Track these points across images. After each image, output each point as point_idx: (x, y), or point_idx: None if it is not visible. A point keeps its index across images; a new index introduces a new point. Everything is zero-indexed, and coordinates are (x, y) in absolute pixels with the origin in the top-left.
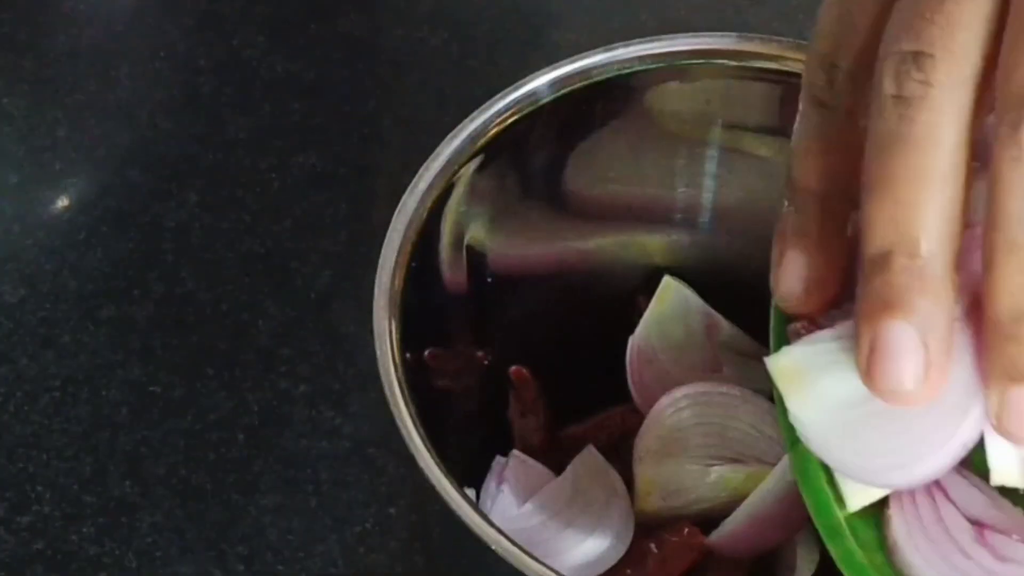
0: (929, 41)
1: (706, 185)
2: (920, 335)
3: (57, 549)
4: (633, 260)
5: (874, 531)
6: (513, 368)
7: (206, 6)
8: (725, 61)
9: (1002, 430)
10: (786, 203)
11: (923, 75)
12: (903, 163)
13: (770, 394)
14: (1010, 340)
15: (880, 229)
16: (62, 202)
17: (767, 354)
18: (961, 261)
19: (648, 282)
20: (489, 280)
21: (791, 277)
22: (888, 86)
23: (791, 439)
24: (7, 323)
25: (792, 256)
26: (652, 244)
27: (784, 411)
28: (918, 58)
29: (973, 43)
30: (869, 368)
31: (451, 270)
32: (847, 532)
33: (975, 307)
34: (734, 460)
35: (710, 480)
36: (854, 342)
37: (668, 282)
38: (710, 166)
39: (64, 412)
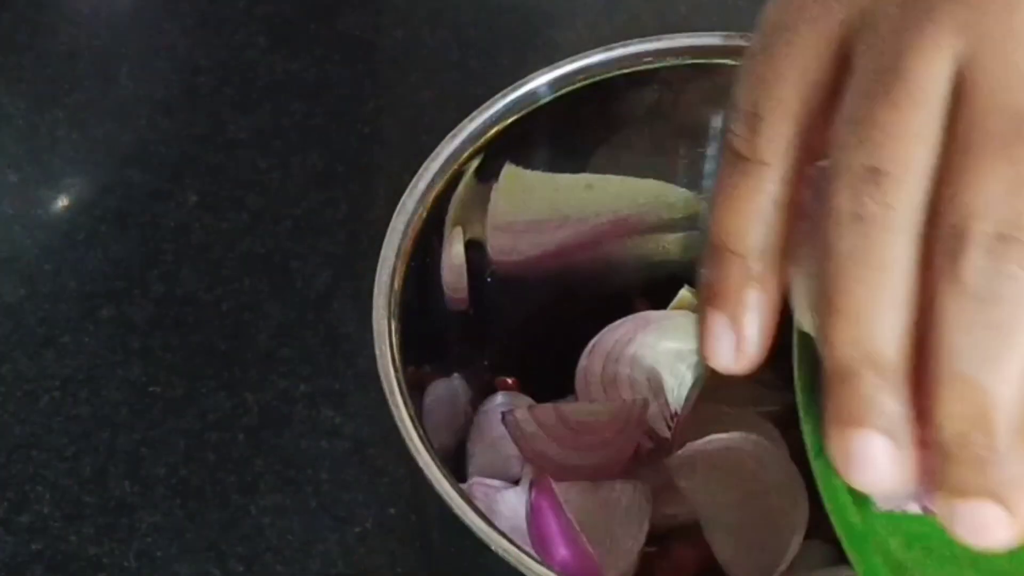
0: (887, 158)
1: (706, 185)
2: (892, 440)
3: (57, 549)
4: (632, 261)
5: (898, 539)
6: (498, 379)
7: (206, 6)
8: (725, 61)
9: (955, 535)
10: (704, 262)
11: (882, 195)
12: (864, 286)
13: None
14: (954, 462)
15: (843, 347)
16: (62, 202)
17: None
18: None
19: (648, 282)
20: (488, 280)
21: (713, 342)
22: (845, 203)
23: (815, 449)
24: (7, 323)
25: (711, 319)
26: (652, 245)
27: (809, 420)
28: (876, 176)
29: (928, 157)
30: (847, 474)
31: (451, 270)
32: (870, 540)
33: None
34: None
35: None
36: None
37: (684, 294)
38: (710, 166)
39: (64, 412)
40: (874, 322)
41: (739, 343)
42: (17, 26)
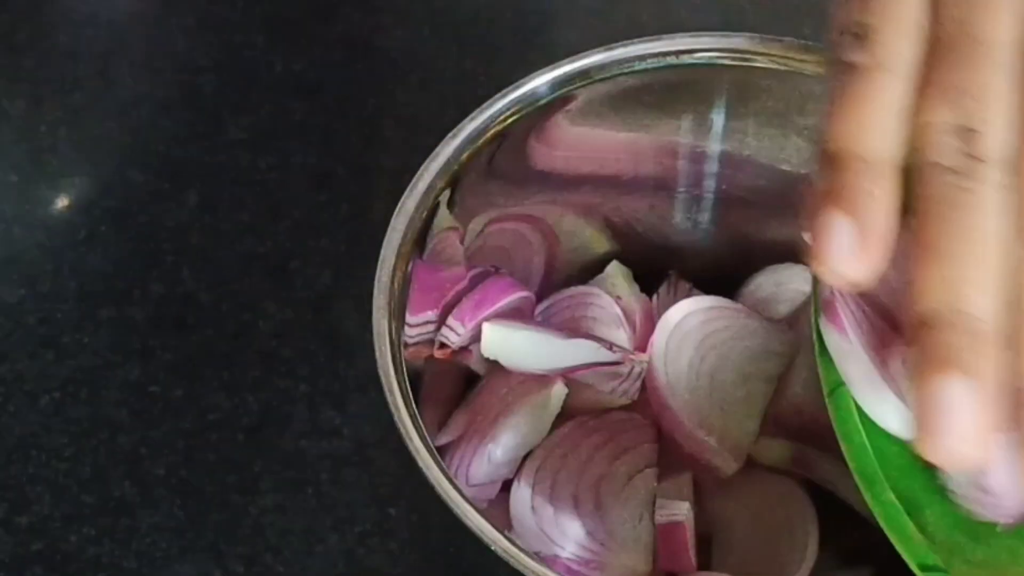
0: (973, 117)
1: (706, 185)
2: (978, 394)
3: (57, 549)
4: (632, 261)
5: (918, 480)
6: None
7: (206, 6)
8: (725, 61)
9: None
10: (819, 172)
11: (970, 149)
12: (957, 228)
13: None
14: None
15: (935, 289)
16: (62, 202)
17: None
18: None
19: (648, 283)
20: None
21: (834, 244)
22: (935, 155)
23: (831, 386)
24: (7, 323)
25: (833, 219)
26: (653, 245)
27: (824, 358)
28: (964, 134)
29: (1009, 114)
30: (925, 426)
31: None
32: (883, 480)
33: None
34: None
35: None
36: None
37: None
38: (710, 166)
39: (64, 412)
40: (970, 262)
41: (864, 241)
42: (17, 26)
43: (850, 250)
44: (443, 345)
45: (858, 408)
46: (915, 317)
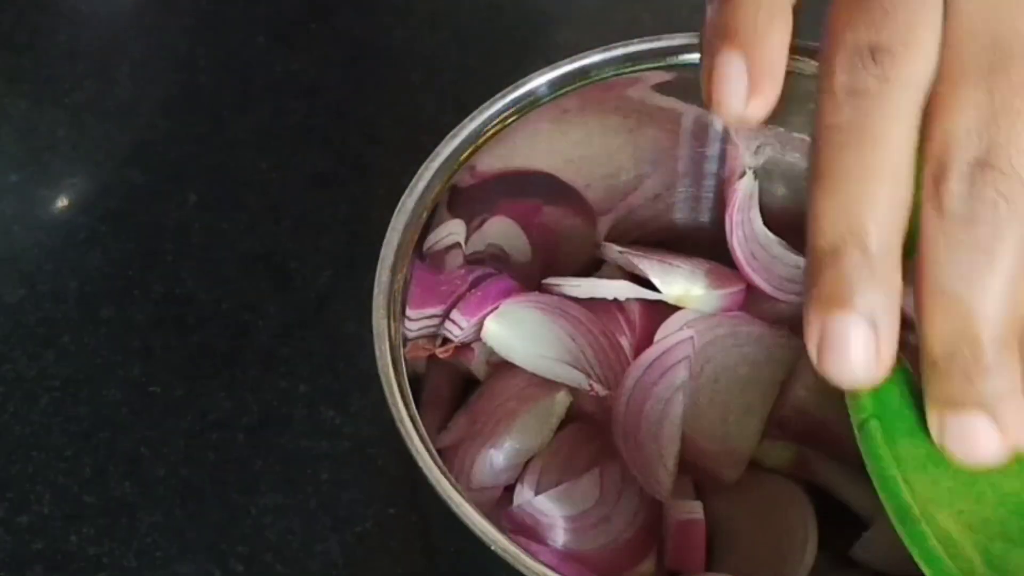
0: (889, 35)
1: (706, 185)
2: (871, 327)
3: (57, 549)
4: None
5: (945, 511)
6: None
7: (206, 6)
8: None
9: (946, 451)
10: (711, 6)
11: (880, 70)
12: (855, 158)
13: None
14: (941, 376)
15: (830, 222)
16: (62, 202)
17: None
18: None
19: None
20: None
21: (726, 82)
22: (841, 76)
23: (859, 421)
24: (7, 323)
25: (725, 56)
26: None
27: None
28: (876, 52)
29: (931, 45)
30: (820, 359)
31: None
32: (918, 515)
33: None
34: None
35: None
36: None
37: None
38: (710, 166)
39: (64, 412)
40: (863, 197)
41: (755, 77)
42: (17, 26)
43: (743, 87)
44: (445, 340)
45: (887, 440)
46: (812, 248)
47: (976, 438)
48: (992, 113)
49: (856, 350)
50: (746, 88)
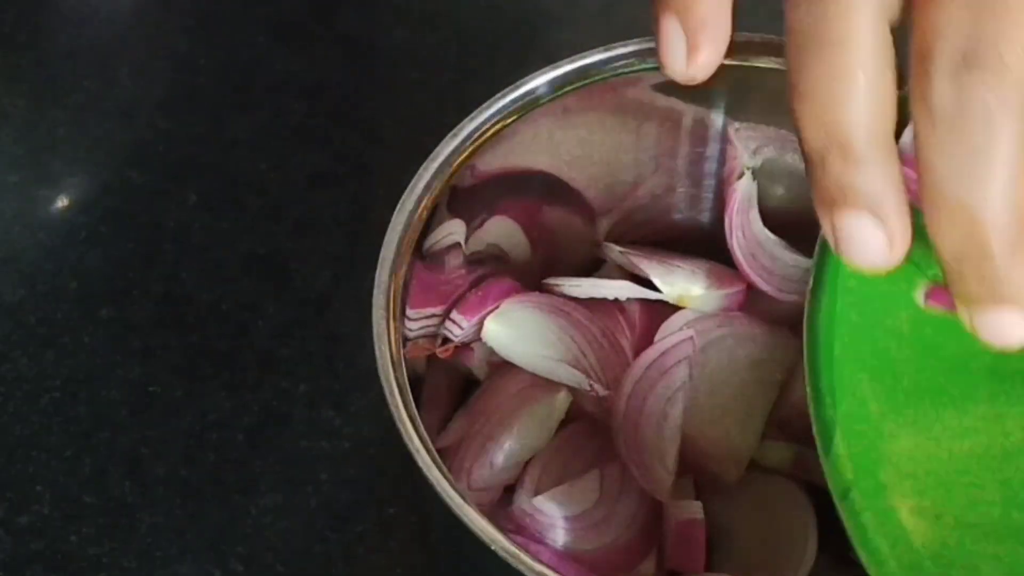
0: None
1: (706, 185)
2: (875, 217)
3: (57, 549)
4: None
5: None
6: None
7: (206, 6)
8: (725, 60)
9: (983, 340)
10: None
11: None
12: (821, 61)
13: None
14: (959, 279)
15: (812, 131)
16: (62, 202)
17: None
18: None
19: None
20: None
21: (668, 46)
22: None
23: (840, 489)
24: (7, 323)
25: (664, 23)
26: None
27: (829, 453)
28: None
29: None
30: (842, 255)
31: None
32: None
33: None
34: None
35: None
36: None
37: None
38: (710, 166)
39: (64, 412)
40: (835, 99)
41: (693, 39)
42: (17, 26)
43: (681, 46)
44: (445, 340)
45: (872, 510)
46: (806, 156)
47: (1005, 329)
48: (980, 7)
49: (866, 241)
50: (684, 47)
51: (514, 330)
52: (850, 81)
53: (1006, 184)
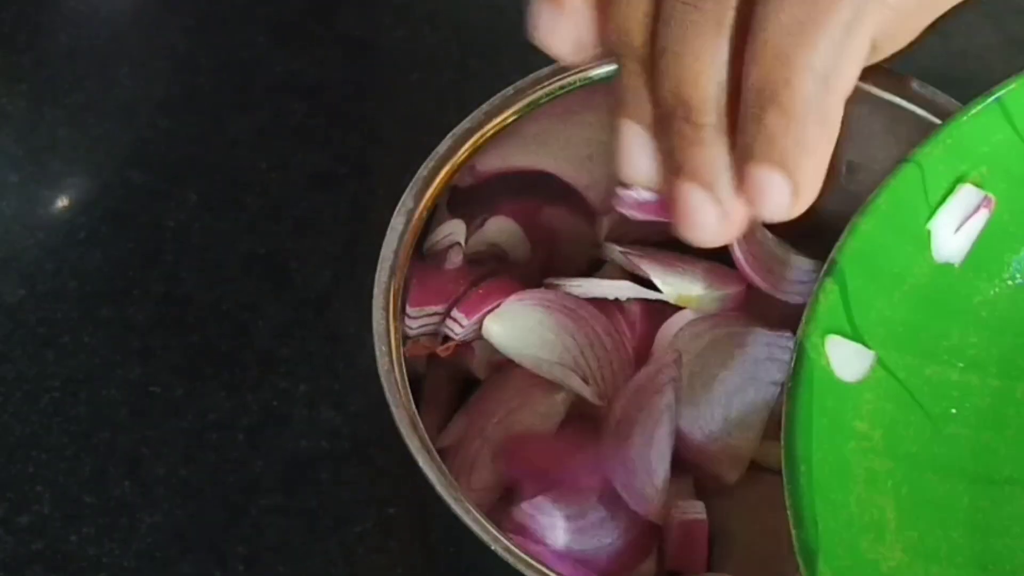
0: None
1: None
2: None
3: (57, 549)
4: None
5: None
6: None
7: (206, 6)
8: None
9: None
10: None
11: None
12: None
13: None
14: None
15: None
16: (62, 202)
17: None
18: None
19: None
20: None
21: (540, 20)
22: None
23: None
24: (7, 323)
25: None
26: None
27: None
28: None
29: None
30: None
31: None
32: None
33: None
34: None
35: None
36: None
37: None
38: None
39: (64, 412)
40: (630, 17)
41: (560, 12)
42: (17, 26)
43: (553, 23)
44: (446, 338)
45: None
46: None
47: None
48: None
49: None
50: (555, 23)
51: (514, 329)
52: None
53: (721, 56)
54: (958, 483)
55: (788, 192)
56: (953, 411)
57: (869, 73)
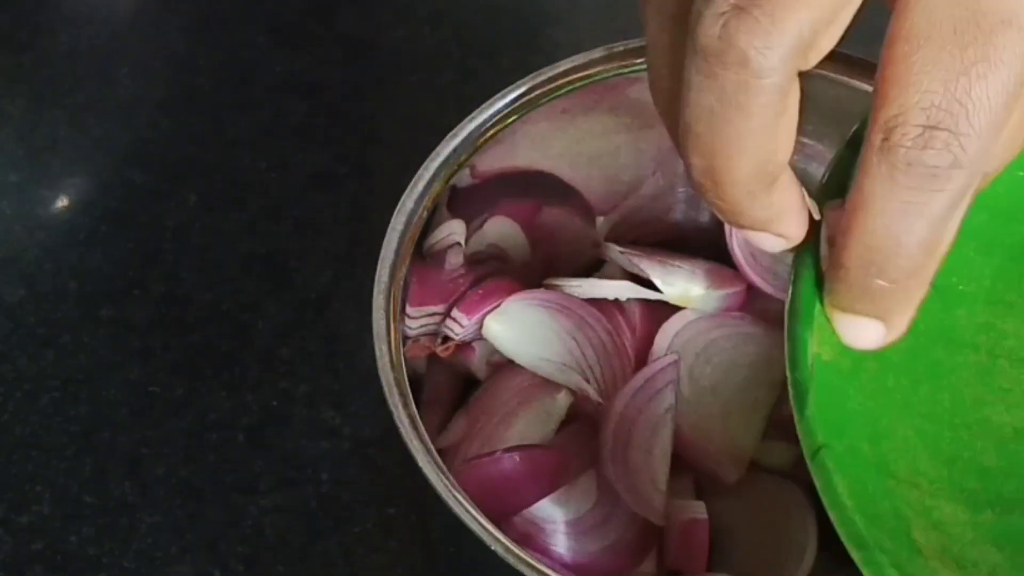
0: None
1: None
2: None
3: (57, 549)
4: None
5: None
6: None
7: (206, 6)
8: None
9: None
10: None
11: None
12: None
13: None
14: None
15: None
16: (62, 202)
17: None
18: None
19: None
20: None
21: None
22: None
23: (812, 447)
24: (7, 323)
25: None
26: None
27: (803, 413)
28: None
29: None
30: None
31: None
32: (872, 543)
33: None
34: None
35: None
36: None
37: None
38: None
39: (64, 412)
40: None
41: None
42: (17, 26)
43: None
44: (446, 338)
45: (843, 468)
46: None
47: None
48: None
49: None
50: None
51: (515, 328)
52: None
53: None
54: (961, 354)
55: (882, 336)
56: (960, 287)
57: (862, 68)
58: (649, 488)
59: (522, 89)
